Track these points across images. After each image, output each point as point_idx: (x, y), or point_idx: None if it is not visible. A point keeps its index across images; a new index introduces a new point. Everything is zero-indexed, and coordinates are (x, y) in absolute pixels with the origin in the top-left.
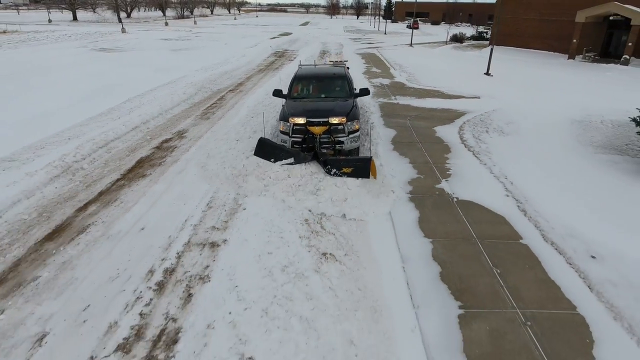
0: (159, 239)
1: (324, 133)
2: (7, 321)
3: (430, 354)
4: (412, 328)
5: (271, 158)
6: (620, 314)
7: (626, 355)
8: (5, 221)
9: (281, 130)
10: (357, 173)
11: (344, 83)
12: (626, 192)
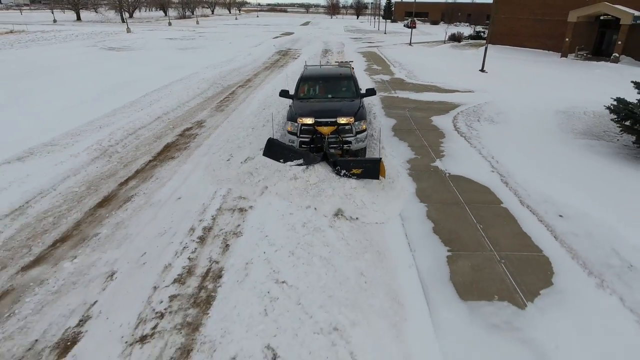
0: (194, 205)
1: (332, 133)
2: (80, 264)
3: (423, 282)
4: (410, 265)
5: (280, 159)
6: (577, 255)
7: (577, 282)
8: (59, 193)
9: (289, 131)
10: (366, 174)
11: (350, 83)
12: (596, 169)
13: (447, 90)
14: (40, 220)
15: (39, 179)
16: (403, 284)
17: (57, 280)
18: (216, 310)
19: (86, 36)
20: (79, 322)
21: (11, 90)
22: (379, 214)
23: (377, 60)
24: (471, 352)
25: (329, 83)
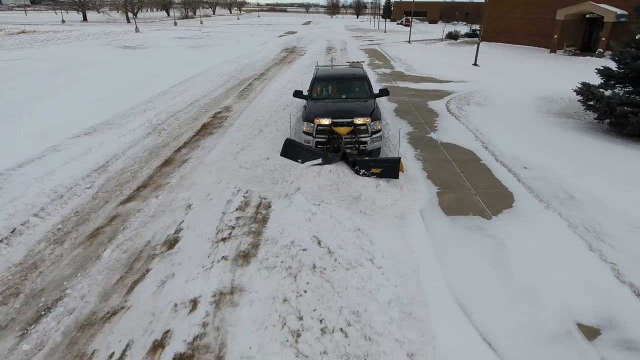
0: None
1: (348, 133)
2: (163, 200)
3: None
4: (412, 193)
5: (298, 159)
6: (533, 191)
7: (530, 206)
8: (129, 157)
9: (304, 131)
10: (386, 173)
11: (364, 84)
12: (561, 138)
13: (442, 81)
14: (121, 174)
15: (110, 147)
16: (405, 208)
17: (150, 209)
18: (272, 223)
19: (97, 36)
20: (175, 231)
21: (58, 82)
22: None
23: (378, 56)
24: (450, 242)
25: (343, 83)
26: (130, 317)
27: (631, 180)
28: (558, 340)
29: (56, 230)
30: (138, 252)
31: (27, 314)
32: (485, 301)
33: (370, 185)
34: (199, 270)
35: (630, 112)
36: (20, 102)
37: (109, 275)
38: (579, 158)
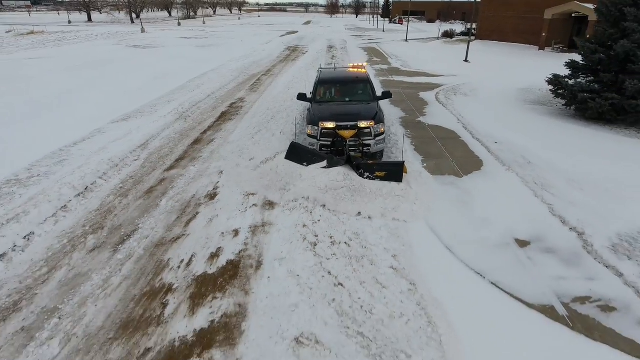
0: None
1: (352, 137)
2: (199, 168)
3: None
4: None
5: (304, 162)
6: (499, 158)
7: (494, 169)
8: (163, 137)
9: (309, 134)
10: (390, 177)
11: (367, 87)
12: (531, 120)
13: (434, 75)
14: (160, 150)
15: (147, 129)
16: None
17: (189, 174)
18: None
19: (106, 36)
20: (214, 189)
21: (83, 78)
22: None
23: (376, 54)
24: (434, 191)
25: (347, 86)
26: (190, 240)
27: (580, 149)
28: (499, 248)
29: (119, 188)
30: (187, 201)
31: (114, 239)
32: (451, 227)
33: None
34: (236, 212)
35: (590, 98)
36: (55, 96)
37: (168, 216)
38: (543, 135)
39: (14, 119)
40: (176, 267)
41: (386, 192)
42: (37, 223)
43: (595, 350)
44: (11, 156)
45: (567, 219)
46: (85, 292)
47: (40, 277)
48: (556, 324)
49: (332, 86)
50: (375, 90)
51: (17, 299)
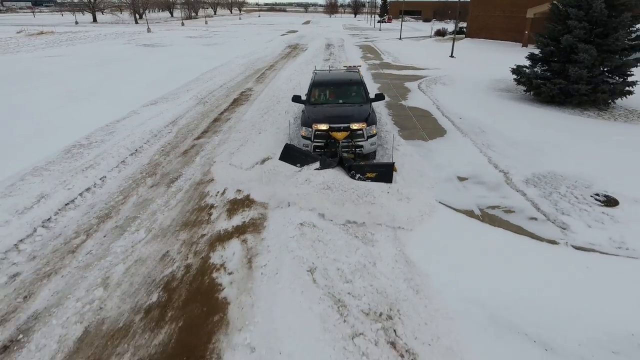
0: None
1: (345, 138)
2: (222, 137)
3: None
4: (389, 129)
5: (297, 163)
6: (460, 129)
7: (455, 135)
8: (188, 117)
9: (303, 136)
10: (380, 178)
11: (360, 89)
12: (495, 103)
13: (420, 69)
14: (187, 126)
15: (174, 111)
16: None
17: (215, 141)
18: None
19: (114, 36)
20: (239, 147)
21: (105, 73)
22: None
23: (371, 51)
24: (406, 149)
25: (341, 89)
26: (218, 183)
27: (527, 123)
28: (445, 181)
29: (161, 150)
30: (212, 157)
31: (166, 180)
32: (415, 170)
33: None
34: (253, 160)
35: (542, 83)
36: (87, 87)
37: (203, 167)
38: (500, 114)
39: (61, 105)
40: (214, 195)
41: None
42: (107, 170)
43: (494, 231)
44: (68, 131)
45: (499, 165)
46: (153, 208)
47: (119, 201)
48: (473, 219)
49: (326, 88)
50: (369, 92)
51: (107, 212)
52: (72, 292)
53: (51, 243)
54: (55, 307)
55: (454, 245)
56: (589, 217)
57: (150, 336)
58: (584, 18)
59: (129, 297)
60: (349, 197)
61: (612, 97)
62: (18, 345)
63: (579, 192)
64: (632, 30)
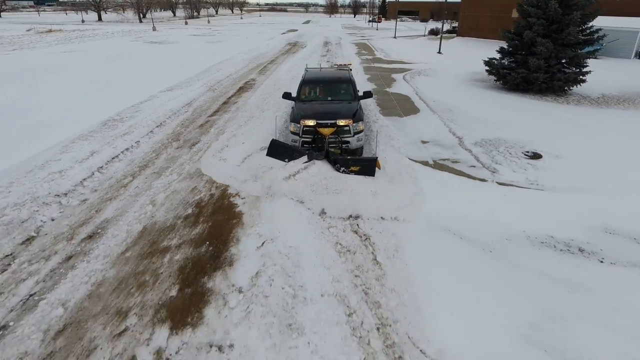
0: (268, 102)
1: (332, 134)
2: (232, 115)
3: (375, 109)
4: (372, 109)
5: (285, 158)
6: (432, 108)
7: (426, 114)
8: (201, 100)
9: (292, 131)
10: (363, 172)
11: (349, 87)
12: (466, 90)
13: (408, 63)
14: (201, 107)
15: (188, 96)
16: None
17: (225, 118)
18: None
19: (121, 34)
20: (245, 124)
21: (120, 66)
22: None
23: (365, 48)
24: (383, 122)
25: (330, 86)
26: (232, 143)
27: (490, 105)
28: (411, 144)
29: (181, 124)
30: (223, 129)
31: (188, 144)
32: (387, 136)
33: None
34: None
35: (507, 73)
36: (107, 77)
37: (215, 135)
38: (470, 98)
39: (88, 92)
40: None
41: None
42: (139, 137)
43: (440, 174)
44: (100, 110)
45: (456, 133)
46: (181, 161)
47: (153, 157)
48: (426, 167)
49: (316, 86)
50: (357, 90)
51: (145, 164)
52: (129, 208)
53: (107, 182)
54: (119, 216)
55: (413, 178)
56: (516, 165)
57: (189, 231)
58: (542, 16)
59: (171, 211)
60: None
61: (567, 85)
62: (99, 235)
63: (514, 150)
64: (585, 27)
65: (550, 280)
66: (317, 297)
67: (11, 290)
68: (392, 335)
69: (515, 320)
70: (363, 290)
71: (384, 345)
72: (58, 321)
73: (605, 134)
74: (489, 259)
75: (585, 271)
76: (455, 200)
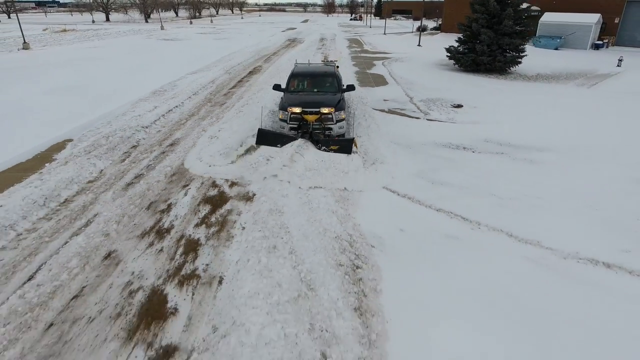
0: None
1: (316, 120)
2: (246, 89)
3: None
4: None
5: (277, 144)
6: (398, 82)
7: (393, 85)
8: (221, 80)
9: (280, 118)
10: (341, 150)
11: (334, 80)
12: (430, 71)
13: (390, 53)
14: (222, 83)
15: (210, 76)
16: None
17: (241, 90)
18: None
19: (133, 32)
20: (256, 92)
21: (144, 58)
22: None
23: (356, 42)
24: (359, 90)
25: (316, 79)
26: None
27: (444, 80)
28: (377, 101)
29: (210, 93)
30: (242, 96)
31: (218, 104)
32: (358, 97)
33: None
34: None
35: (461, 57)
36: (138, 66)
37: (238, 100)
38: (429, 76)
39: (128, 74)
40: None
41: None
42: (182, 100)
43: (391, 116)
44: (146, 86)
45: (409, 95)
46: (216, 113)
47: (195, 111)
48: (383, 113)
49: (304, 79)
50: (342, 85)
51: (192, 114)
52: (188, 134)
53: (170, 122)
54: (184, 137)
55: (373, 118)
56: (443, 111)
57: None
58: (485, 12)
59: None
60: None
61: (507, 66)
62: (176, 144)
63: (445, 104)
64: (522, 19)
65: (438, 158)
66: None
67: (135, 164)
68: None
69: (415, 168)
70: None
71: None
72: (169, 169)
73: (512, 96)
74: (410, 151)
75: (460, 155)
76: (397, 128)
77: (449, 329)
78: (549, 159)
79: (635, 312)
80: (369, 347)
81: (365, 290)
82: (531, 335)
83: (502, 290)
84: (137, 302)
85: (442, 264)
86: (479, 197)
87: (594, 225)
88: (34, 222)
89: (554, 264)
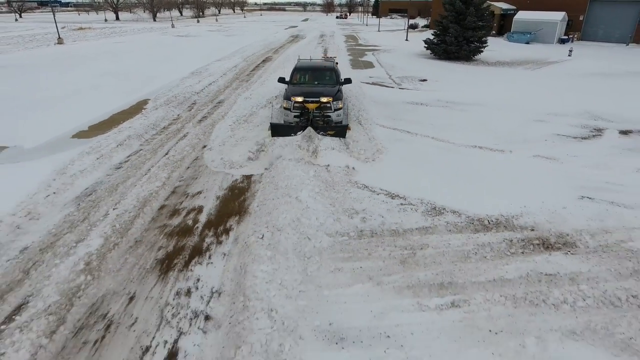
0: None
1: (316, 109)
2: (263, 71)
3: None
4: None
5: (291, 133)
6: (382, 66)
7: (377, 68)
8: (241, 65)
9: (284, 107)
10: (337, 134)
11: (333, 74)
12: (410, 60)
13: (380, 46)
14: (243, 68)
15: (232, 63)
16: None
17: (258, 73)
18: None
19: (147, 30)
20: (271, 73)
21: (166, 51)
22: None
23: (352, 38)
24: (350, 71)
25: (316, 73)
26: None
27: (419, 65)
28: (365, 78)
29: (235, 74)
30: (261, 75)
31: (244, 81)
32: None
33: None
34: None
35: (434, 47)
36: (164, 57)
37: (259, 79)
38: (408, 62)
39: (160, 63)
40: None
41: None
42: (217, 78)
43: (374, 86)
44: (181, 70)
45: (389, 74)
46: (244, 87)
47: (228, 85)
48: (368, 84)
49: (305, 72)
50: (340, 77)
51: (226, 86)
52: (229, 97)
53: (212, 91)
54: (226, 99)
55: (360, 87)
56: (411, 84)
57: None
58: (452, 10)
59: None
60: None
61: (471, 54)
62: (221, 103)
63: (414, 79)
64: (484, 16)
65: (403, 109)
66: None
67: (199, 112)
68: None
69: (386, 113)
70: None
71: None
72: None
73: (469, 75)
74: (384, 106)
75: (417, 107)
76: (377, 93)
77: (397, 168)
78: (476, 110)
79: (483, 160)
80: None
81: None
82: (438, 173)
83: (424, 155)
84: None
85: (395, 145)
86: (421, 124)
87: (483, 135)
88: (152, 135)
89: (452, 147)
